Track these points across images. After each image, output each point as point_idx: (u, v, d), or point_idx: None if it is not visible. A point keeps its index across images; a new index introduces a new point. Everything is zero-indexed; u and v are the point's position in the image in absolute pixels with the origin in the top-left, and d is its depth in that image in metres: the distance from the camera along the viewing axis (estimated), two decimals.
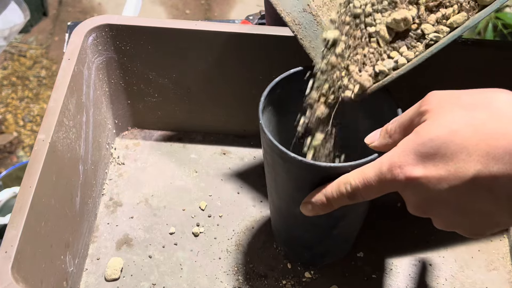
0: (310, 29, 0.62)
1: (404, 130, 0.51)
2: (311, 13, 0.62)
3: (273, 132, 0.64)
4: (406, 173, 0.47)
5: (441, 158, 0.46)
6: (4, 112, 1.72)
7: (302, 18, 0.62)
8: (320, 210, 0.56)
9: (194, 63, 0.76)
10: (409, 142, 0.48)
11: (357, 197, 0.52)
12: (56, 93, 0.66)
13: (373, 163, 0.51)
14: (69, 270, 0.66)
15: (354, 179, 0.52)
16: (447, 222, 0.50)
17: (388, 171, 0.48)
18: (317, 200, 0.55)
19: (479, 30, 1.43)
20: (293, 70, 0.63)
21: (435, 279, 0.70)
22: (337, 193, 0.54)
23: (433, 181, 0.46)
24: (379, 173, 0.49)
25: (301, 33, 0.62)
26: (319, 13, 0.62)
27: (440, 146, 0.46)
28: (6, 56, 1.85)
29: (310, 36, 0.62)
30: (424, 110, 0.49)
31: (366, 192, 0.51)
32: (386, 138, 0.53)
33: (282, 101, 0.64)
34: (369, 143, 0.55)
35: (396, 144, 0.50)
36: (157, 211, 0.76)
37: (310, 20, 0.62)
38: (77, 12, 1.97)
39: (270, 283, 0.69)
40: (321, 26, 0.62)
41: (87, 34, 0.72)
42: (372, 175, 0.50)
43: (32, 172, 0.60)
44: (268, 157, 0.60)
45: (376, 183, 0.50)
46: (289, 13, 0.62)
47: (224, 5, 1.98)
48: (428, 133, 0.47)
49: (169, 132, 0.84)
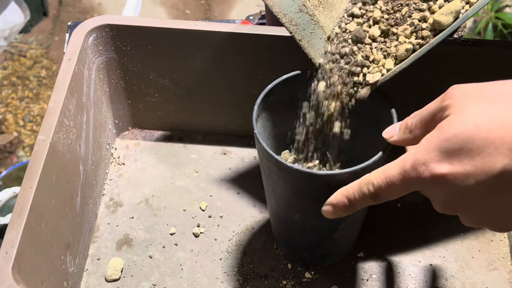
0: (307, 29, 0.62)
1: (425, 125, 0.50)
2: (308, 13, 0.62)
3: (268, 138, 0.64)
4: (431, 170, 0.46)
5: (466, 154, 0.45)
6: (4, 112, 1.72)
7: (299, 19, 0.62)
8: (342, 212, 0.54)
9: (194, 63, 0.76)
10: (432, 138, 0.47)
11: (380, 197, 0.51)
12: (56, 93, 0.66)
13: (396, 162, 0.49)
14: (70, 271, 0.66)
15: (376, 178, 0.50)
16: (475, 218, 0.49)
17: (412, 169, 0.47)
18: (339, 202, 0.54)
19: (479, 30, 1.43)
20: (285, 76, 0.63)
21: (435, 279, 0.70)
22: (359, 194, 0.52)
23: (460, 177, 0.45)
24: (402, 172, 0.48)
25: (299, 33, 0.62)
26: (316, 13, 0.62)
27: (465, 141, 0.45)
28: (6, 56, 1.85)
29: (308, 36, 0.62)
30: (447, 104, 0.47)
31: (390, 191, 0.50)
32: (406, 133, 0.52)
33: (276, 106, 0.64)
34: (388, 138, 0.54)
35: (417, 139, 0.49)
36: (158, 211, 0.76)
37: (307, 20, 0.62)
38: (77, 12, 1.97)
39: (270, 284, 0.69)
40: (319, 25, 0.62)
41: (87, 34, 0.72)
42: (395, 174, 0.49)
43: (33, 172, 0.60)
44: (265, 166, 0.60)
45: (399, 182, 0.48)
46: (285, 14, 0.62)
47: (224, 5, 1.97)
48: (452, 129, 0.45)
49: (169, 132, 0.84)
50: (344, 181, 0.57)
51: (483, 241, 0.73)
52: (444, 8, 0.56)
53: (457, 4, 0.56)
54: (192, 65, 0.76)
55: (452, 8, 0.56)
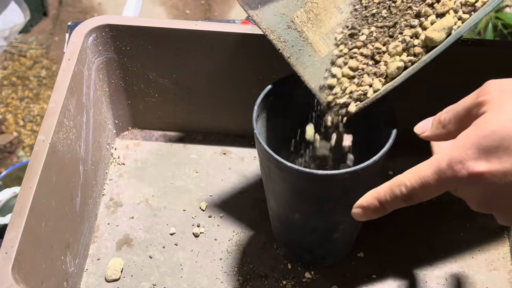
0: (296, 46, 0.61)
1: (459, 121, 0.49)
2: (296, 29, 0.61)
3: (268, 138, 0.64)
4: (468, 168, 0.45)
5: (505, 151, 0.44)
6: (4, 112, 1.72)
7: (287, 35, 0.61)
8: (372, 214, 0.53)
9: (194, 63, 0.76)
10: (469, 135, 0.46)
11: (413, 199, 0.49)
12: (56, 93, 0.66)
13: (429, 161, 0.48)
14: (70, 271, 0.66)
15: (410, 179, 0.48)
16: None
17: (448, 167, 0.46)
18: (369, 204, 0.52)
19: (479, 30, 1.43)
20: (285, 76, 0.63)
21: (435, 279, 0.70)
22: (391, 196, 0.50)
23: (498, 175, 0.44)
24: (437, 171, 0.47)
25: (287, 51, 0.61)
26: (304, 29, 0.61)
27: (503, 139, 0.44)
28: (6, 56, 1.85)
29: (297, 53, 0.61)
30: (483, 100, 0.46)
31: (424, 192, 0.48)
32: (439, 128, 0.51)
33: (276, 106, 0.64)
34: (420, 133, 0.53)
35: (450, 134, 0.48)
36: (158, 212, 0.76)
37: (296, 37, 0.61)
38: (77, 12, 1.97)
39: (270, 284, 0.69)
40: (307, 42, 0.61)
41: (87, 35, 0.72)
42: (429, 174, 0.47)
43: (33, 173, 0.60)
44: (265, 166, 0.60)
45: (435, 182, 0.47)
46: (273, 31, 0.61)
47: (224, 5, 1.97)
48: (490, 126, 0.45)
49: (169, 132, 0.84)
50: (344, 181, 0.57)
51: (483, 241, 0.73)
52: (436, 24, 0.55)
53: (449, 20, 0.55)
54: (192, 65, 0.76)
55: (444, 24, 0.55)
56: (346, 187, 0.58)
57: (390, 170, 0.77)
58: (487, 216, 0.75)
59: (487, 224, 0.74)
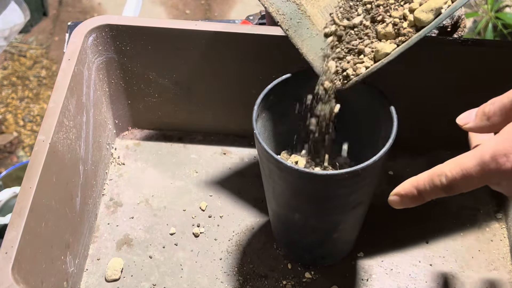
0: (294, 19, 0.62)
1: (506, 113, 0.48)
2: (295, 2, 0.62)
3: (268, 138, 0.64)
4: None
5: None
6: (4, 112, 1.72)
7: (285, 8, 0.62)
8: (410, 203, 0.52)
9: (194, 63, 0.75)
10: None
11: (454, 190, 0.48)
12: (56, 93, 0.66)
13: (472, 153, 0.47)
14: (70, 271, 0.66)
15: (451, 170, 0.48)
16: None
17: (492, 159, 0.45)
18: (407, 192, 0.51)
19: (479, 30, 1.43)
20: (285, 76, 0.63)
21: (435, 279, 0.70)
22: (430, 186, 0.49)
23: None
24: (481, 163, 0.46)
25: (285, 23, 0.61)
26: (303, 2, 0.62)
27: None
28: (6, 56, 1.85)
29: (295, 26, 0.61)
30: None
31: (465, 183, 0.48)
32: (483, 120, 0.50)
33: (276, 106, 0.64)
34: (462, 124, 0.52)
35: (495, 127, 0.48)
36: (158, 212, 0.76)
37: (294, 10, 0.62)
38: (77, 12, 1.97)
39: (270, 284, 0.69)
40: (306, 15, 0.62)
41: (87, 35, 0.72)
42: (471, 165, 0.46)
43: (33, 173, 0.60)
44: (265, 166, 0.60)
45: (477, 174, 0.46)
46: (272, 3, 0.62)
47: (224, 5, 1.97)
48: None
49: (169, 132, 0.84)
50: (344, 181, 0.57)
51: (483, 241, 0.73)
52: (424, 5, 0.55)
53: (438, 1, 0.55)
54: (192, 65, 0.76)
55: (432, 6, 0.55)
56: (346, 187, 0.58)
57: (390, 170, 0.77)
58: (487, 216, 0.75)
59: (487, 224, 0.74)
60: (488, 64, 0.70)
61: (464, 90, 0.72)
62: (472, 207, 0.75)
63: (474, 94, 0.74)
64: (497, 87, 0.75)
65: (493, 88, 0.75)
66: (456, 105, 0.75)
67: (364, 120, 0.64)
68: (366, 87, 0.61)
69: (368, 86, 0.61)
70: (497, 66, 0.70)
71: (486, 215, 0.75)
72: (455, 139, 0.78)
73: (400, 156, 0.79)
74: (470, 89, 0.73)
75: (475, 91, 0.73)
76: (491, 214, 0.75)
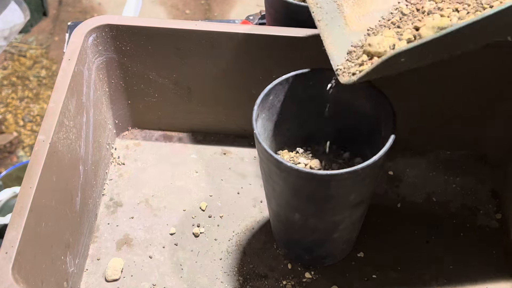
0: (330, 14, 0.62)
1: None
2: (336, 2, 0.62)
3: (268, 138, 0.64)
4: None
5: None
6: (4, 112, 1.72)
7: (326, 5, 0.62)
8: None
9: (194, 63, 0.76)
10: None
11: None
12: (56, 93, 0.66)
13: None
14: (70, 271, 0.66)
15: None
16: None
17: None
18: None
19: None
20: (285, 76, 0.63)
21: (435, 279, 0.70)
22: None
23: None
24: None
25: (319, 14, 0.62)
26: (344, 4, 0.62)
27: None
28: (6, 56, 1.85)
29: (328, 20, 0.62)
30: None
31: None
32: None
33: (276, 106, 0.64)
34: None
35: None
36: (158, 212, 0.76)
37: (333, 8, 0.62)
38: (77, 12, 1.97)
39: (270, 284, 0.69)
40: (343, 15, 0.62)
41: (87, 34, 0.72)
42: None
43: (33, 173, 0.60)
44: (265, 166, 0.60)
45: None
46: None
47: (224, 5, 1.97)
48: None
49: (169, 132, 0.84)
50: (344, 181, 0.57)
51: (483, 241, 0.73)
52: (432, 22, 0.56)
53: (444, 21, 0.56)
54: (192, 65, 0.76)
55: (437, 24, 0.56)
56: (346, 187, 0.58)
57: (390, 170, 0.78)
58: (487, 216, 0.75)
59: (487, 224, 0.74)
60: (488, 64, 0.70)
61: (464, 90, 0.72)
62: (472, 207, 0.75)
63: (475, 94, 0.74)
64: (497, 87, 0.76)
65: (494, 88, 0.75)
66: (457, 105, 0.75)
67: (364, 120, 0.64)
68: (366, 88, 0.61)
69: (368, 87, 0.61)
70: (497, 66, 0.70)
71: (486, 215, 0.75)
72: (455, 139, 0.79)
73: (400, 156, 0.79)
74: (470, 89, 0.73)
75: (476, 91, 0.73)
76: (491, 214, 0.75)
